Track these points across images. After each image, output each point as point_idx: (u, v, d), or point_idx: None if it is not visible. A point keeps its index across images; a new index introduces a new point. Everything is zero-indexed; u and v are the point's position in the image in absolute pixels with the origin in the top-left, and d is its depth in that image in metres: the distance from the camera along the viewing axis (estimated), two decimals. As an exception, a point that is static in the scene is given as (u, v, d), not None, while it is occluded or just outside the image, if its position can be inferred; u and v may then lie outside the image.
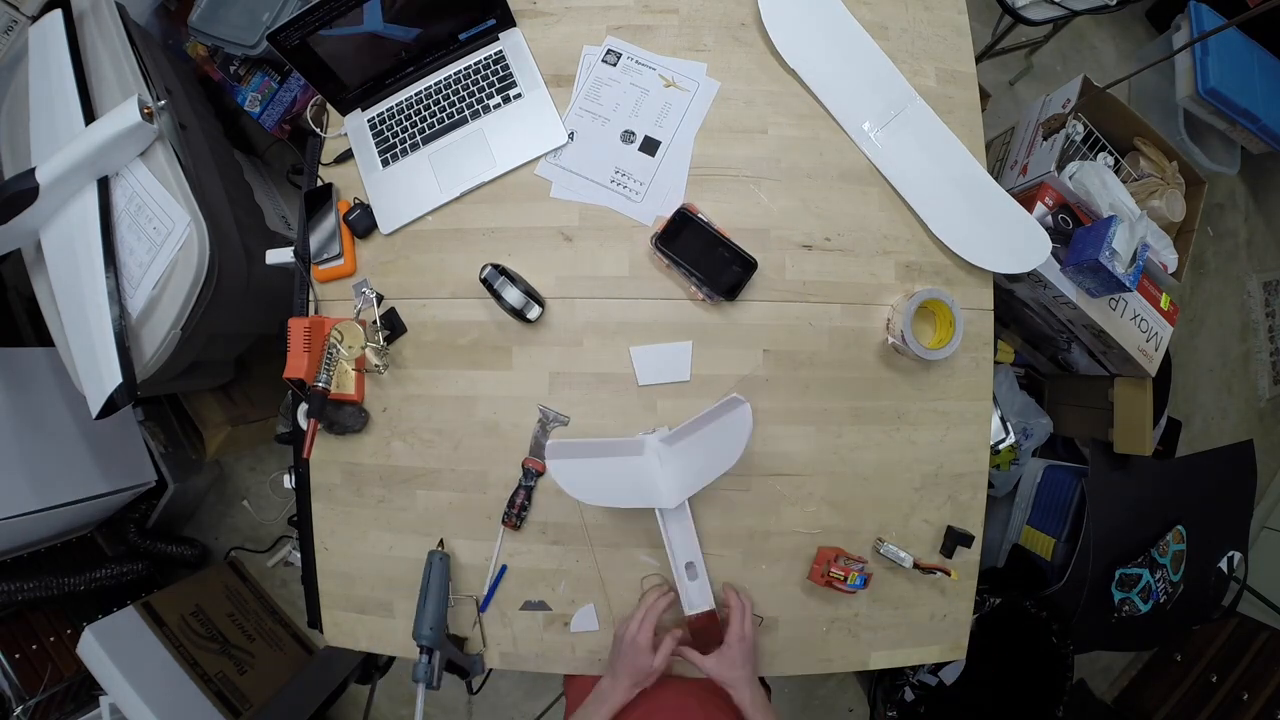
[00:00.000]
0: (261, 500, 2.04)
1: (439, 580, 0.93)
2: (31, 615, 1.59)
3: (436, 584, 0.92)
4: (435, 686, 0.86)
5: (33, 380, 1.55)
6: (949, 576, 0.98)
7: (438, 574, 0.93)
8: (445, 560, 0.96)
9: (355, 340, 1.00)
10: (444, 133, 1.06)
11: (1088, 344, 1.52)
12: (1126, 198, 1.41)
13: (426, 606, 0.90)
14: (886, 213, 1.05)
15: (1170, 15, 2.09)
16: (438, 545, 1.00)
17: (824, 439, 1.03)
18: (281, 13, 1.35)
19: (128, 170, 1.14)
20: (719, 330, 1.02)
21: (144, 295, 1.12)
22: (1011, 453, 1.67)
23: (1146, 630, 1.66)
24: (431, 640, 0.87)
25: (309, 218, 1.05)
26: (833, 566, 0.96)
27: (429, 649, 0.87)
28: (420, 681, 0.84)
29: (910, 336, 0.96)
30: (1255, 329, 2.32)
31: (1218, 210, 2.29)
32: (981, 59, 1.91)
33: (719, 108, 1.06)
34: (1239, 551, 1.69)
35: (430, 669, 0.85)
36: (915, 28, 1.10)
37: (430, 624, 0.88)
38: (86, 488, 1.57)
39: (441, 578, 0.93)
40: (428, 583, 0.92)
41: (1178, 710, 1.86)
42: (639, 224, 1.03)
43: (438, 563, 0.94)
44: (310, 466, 1.05)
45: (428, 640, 0.87)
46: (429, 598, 0.91)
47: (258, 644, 1.83)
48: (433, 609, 0.90)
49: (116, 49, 1.19)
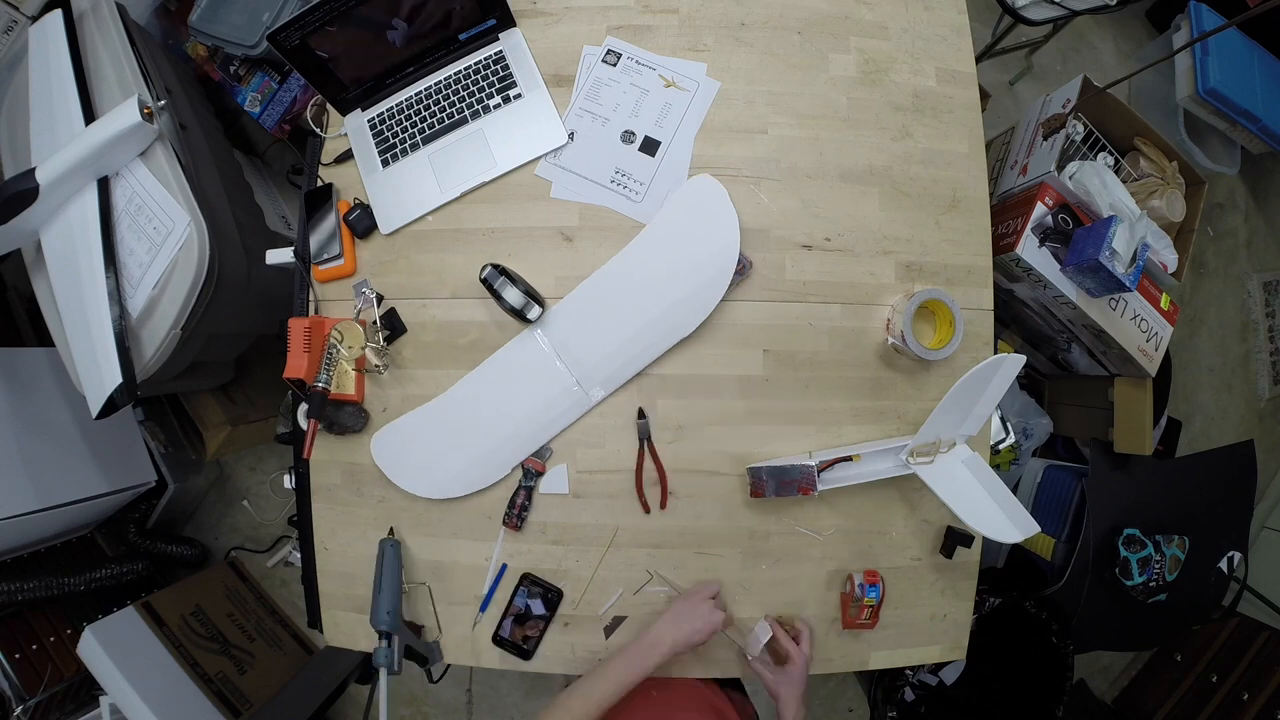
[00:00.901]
0: (261, 500, 2.04)
1: (392, 567, 0.95)
2: (31, 615, 1.59)
3: (390, 571, 0.94)
4: (396, 671, 0.87)
5: (33, 380, 1.55)
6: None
7: (390, 561, 0.95)
8: (396, 547, 0.97)
9: (355, 340, 1.00)
10: (444, 133, 1.06)
11: (1088, 344, 1.52)
12: (1126, 198, 1.41)
13: (382, 593, 0.92)
14: (887, 212, 1.05)
15: (1170, 15, 2.09)
16: (388, 534, 1.01)
17: (824, 439, 1.03)
18: (281, 13, 1.36)
19: (128, 170, 1.14)
20: (719, 330, 1.02)
21: (144, 295, 1.12)
22: (1011, 453, 1.68)
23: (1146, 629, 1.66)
24: (389, 624, 0.89)
25: (309, 218, 1.05)
26: (856, 602, 0.99)
27: (387, 634, 0.89)
28: (381, 666, 0.86)
29: (910, 336, 0.96)
30: (1255, 329, 2.31)
31: (1218, 210, 2.29)
32: (981, 59, 1.91)
33: (719, 108, 1.06)
34: (1239, 551, 1.68)
35: (390, 653, 0.87)
36: (915, 28, 1.10)
37: (386, 609, 0.90)
38: (86, 488, 1.57)
39: (394, 565, 0.95)
40: (381, 570, 0.94)
41: (1178, 710, 1.86)
42: (639, 224, 1.03)
43: (389, 550, 0.96)
44: (310, 466, 1.05)
45: (385, 625, 0.89)
46: (384, 585, 0.93)
47: (258, 644, 1.83)
48: (387, 595, 0.92)
49: (116, 49, 1.19)
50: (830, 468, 0.96)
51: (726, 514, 1.02)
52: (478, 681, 1.99)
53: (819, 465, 0.94)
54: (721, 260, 0.99)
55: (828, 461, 0.95)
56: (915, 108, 1.08)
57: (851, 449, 0.97)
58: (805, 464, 0.94)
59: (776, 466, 0.96)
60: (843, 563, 1.03)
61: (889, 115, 1.07)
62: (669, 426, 1.02)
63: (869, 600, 0.97)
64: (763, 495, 0.97)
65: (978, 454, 0.97)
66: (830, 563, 1.03)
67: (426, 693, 1.99)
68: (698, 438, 1.02)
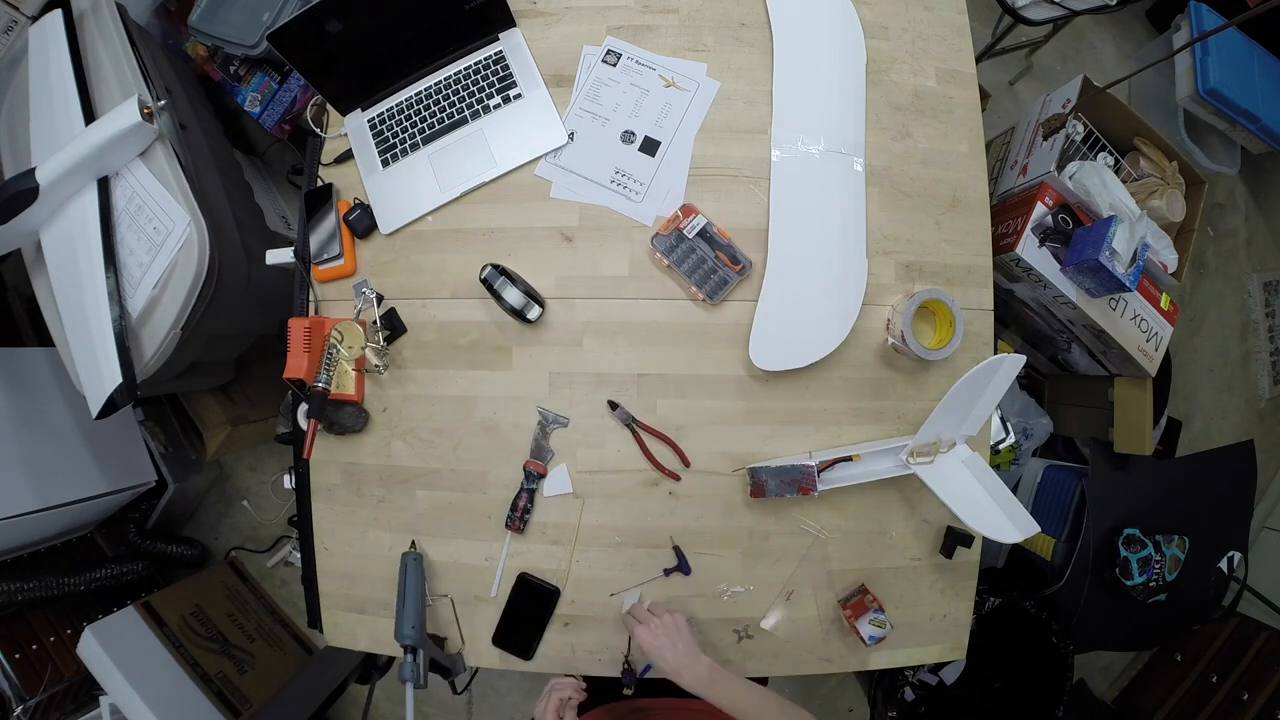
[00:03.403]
0: (261, 500, 2.04)
1: (415, 581, 0.94)
2: (31, 615, 1.59)
3: (413, 585, 0.94)
4: (423, 685, 0.87)
5: (33, 380, 1.54)
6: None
7: (413, 575, 0.94)
8: (419, 561, 0.97)
9: (355, 340, 1.00)
10: (444, 133, 1.06)
11: (1088, 344, 1.52)
12: (1126, 198, 1.40)
13: (405, 607, 0.91)
14: (887, 212, 1.05)
15: (1170, 15, 2.09)
16: (410, 546, 1.01)
17: (824, 439, 1.03)
18: (281, 13, 1.35)
19: (128, 170, 1.14)
20: (719, 330, 1.02)
21: (144, 295, 1.12)
22: (1011, 453, 1.67)
23: (1146, 629, 1.67)
24: (414, 639, 0.89)
25: (309, 218, 1.05)
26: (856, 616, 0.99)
27: (413, 648, 0.88)
28: (408, 681, 0.85)
29: (910, 336, 0.96)
30: (1255, 329, 2.31)
31: (1218, 210, 2.29)
32: (981, 59, 1.91)
33: (719, 108, 1.06)
34: (1239, 551, 1.68)
35: (416, 668, 0.87)
36: (915, 28, 1.10)
37: (411, 623, 0.90)
38: (86, 488, 1.57)
39: (417, 578, 0.95)
40: (405, 584, 0.94)
41: (1178, 710, 1.86)
42: (639, 224, 1.03)
43: (412, 564, 0.96)
44: (310, 466, 1.05)
45: (410, 639, 0.89)
46: (407, 598, 0.92)
47: (258, 644, 1.83)
48: (411, 609, 0.91)
49: (116, 49, 1.19)
50: (830, 468, 0.96)
51: (726, 514, 1.02)
52: (478, 681, 1.98)
53: (819, 465, 0.94)
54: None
55: (828, 461, 0.95)
56: (915, 108, 1.08)
57: (852, 449, 0.97)
58: (805, 464, 0.94)
59: (777, 467, 0.96)
60: (843, 562, 1.03)
61: (889, 115, 1.07)
62: (669, 427, 1.02)
63: (877, 622, 0.98)
64: (763, 495, 0.97)
65: (978, 454, 0.97)
66: (830, 563, 1.03)
67: (427, 693, 1.98)
68: (698, 438, 1.02)
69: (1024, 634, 1.52)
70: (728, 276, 1.01)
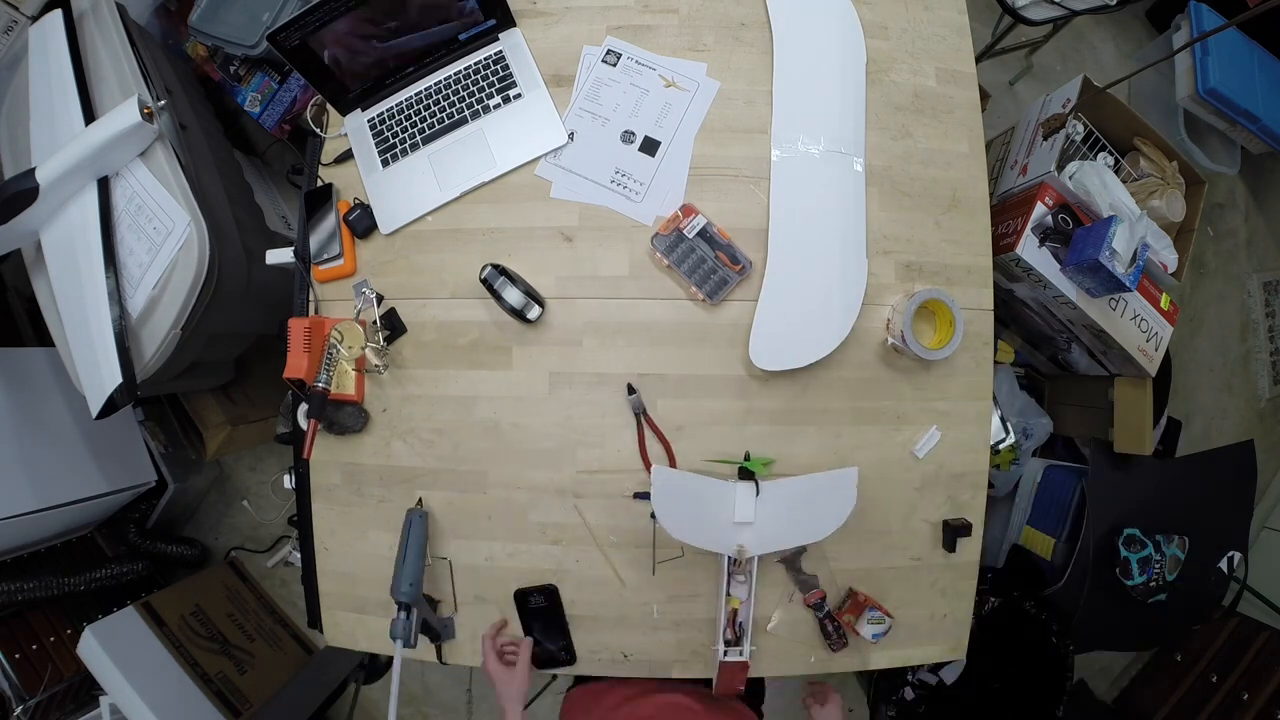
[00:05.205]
0: (261, 500, 2.04)
1: (418, 538, 0.93)
2: (31, 615, 1.59)
3: (415, 541, 0.92)
4: (413, 644, 0.86)
5: (33, 380, 1.55)
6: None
7: (416, 532, 0.93)
8: (424, 518, 0.96)
9: (355, 340, 1.00)
10: (444, 133, 1.06)
11: (1088, 344, 1.52)
12: (1126, 198, 1.40)
13: (405, 564, 0.90)
14: (887, 212, 1.05)
15: (1170, 15, 2.09)
16: (416, 503, 1.00)
17: (824, 439, 1.03)
18: (281, 13, 1.35)
19: (128, 170, 1.14)
20: (719, 330, 1.02)
21: (144, 295, 1.12)
22: (1011, 453, 1.67)
23: (1146, 629, 1.66)
24: (410, 596, 0.87)
25: (309, 218, 1.05)
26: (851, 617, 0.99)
27: (407, 605, 0.87)
28: (398, 639, 0.84)
29: (910, 336, 0.96)
30: (1255, 329, 2.31)
31: (1218, 210, 2.29)
32: (981, 59, 1.91)
33: (719, 108, 1.06)
34: (1239, 551, 1.68)
35: (408, 626, 0.85)
36: (915, 28, 1.10)
37: (409, 580, 0.88)
38: (86, 488, 1.57)
39: (420, 535, 0.93)
40: (407, 540, 0.92)
41: (1178, 710, 1.86)
42: (639, 224, 1.03)
43: (417, 520, 0.94)
44: (310, 466, 1.05)
45: (406, 596, 0.87)
46: (407, 555, 0.91)
47: (258, 644, 1.83)
48: (411, 566, 0.90)
49: (116, 49, 1.19)
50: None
51: (726, 514, 1.02)
52: (478, 681, 1.98)
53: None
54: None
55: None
56: (915, 107, 1.08)
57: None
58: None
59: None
60: (843, 562, 1.03)
61: (889, 115, 1.07)
62: (669, 426, 1.02)
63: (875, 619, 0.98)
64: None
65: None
66: (831, 562, 1.03)
67: (427, 693, 1.99)
68: (698, 438, 1.02)
69: (1024, 634, 1.52)
70: (728, 276, 1.01)
